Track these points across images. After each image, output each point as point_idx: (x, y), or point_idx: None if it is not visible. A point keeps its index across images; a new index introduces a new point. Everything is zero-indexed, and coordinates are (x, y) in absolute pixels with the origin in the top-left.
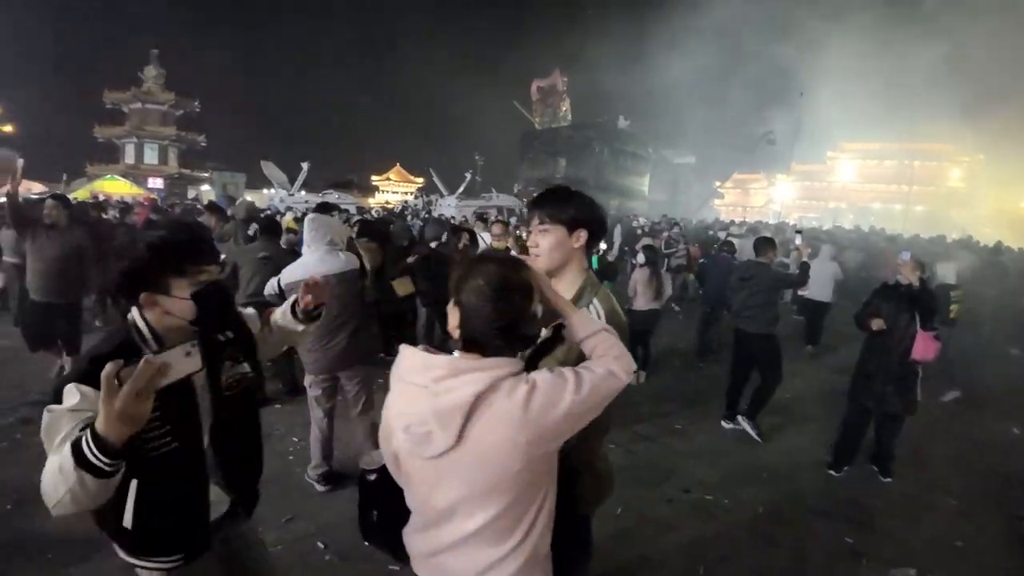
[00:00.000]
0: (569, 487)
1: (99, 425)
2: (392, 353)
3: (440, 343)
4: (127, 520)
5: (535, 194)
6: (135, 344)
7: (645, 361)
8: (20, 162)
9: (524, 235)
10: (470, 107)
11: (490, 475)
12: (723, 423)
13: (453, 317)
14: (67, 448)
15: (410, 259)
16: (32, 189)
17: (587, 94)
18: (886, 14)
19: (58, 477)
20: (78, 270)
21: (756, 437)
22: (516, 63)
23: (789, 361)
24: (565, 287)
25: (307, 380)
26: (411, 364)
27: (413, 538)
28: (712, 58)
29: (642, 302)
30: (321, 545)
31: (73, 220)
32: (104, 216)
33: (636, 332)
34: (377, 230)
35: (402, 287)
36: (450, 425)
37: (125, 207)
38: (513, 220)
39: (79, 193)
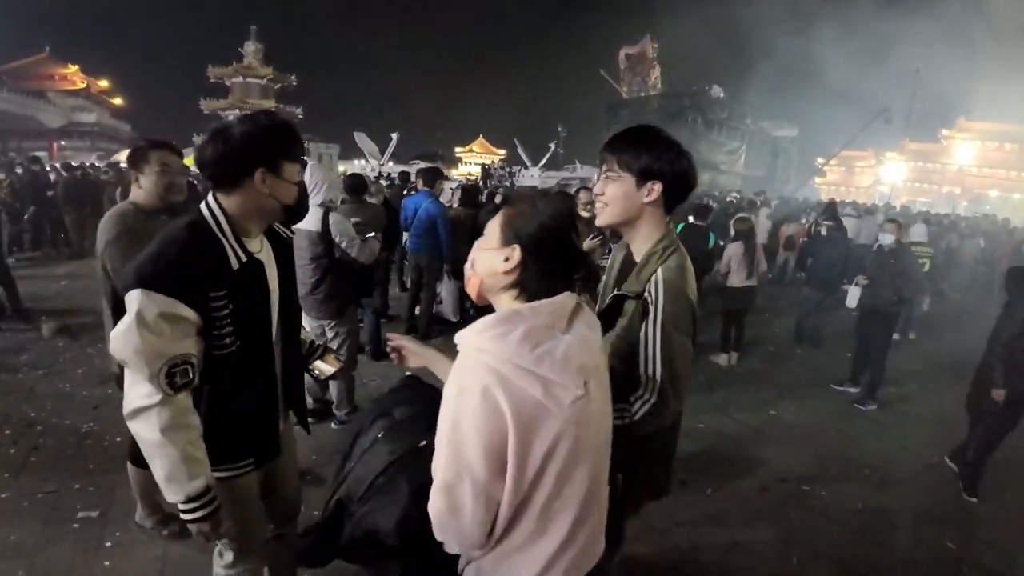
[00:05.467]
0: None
1: None
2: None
3: None
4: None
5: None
6: (209, 232)
7: (738, 342)
8: None
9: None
10: (555, 77)
11: None
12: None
13: None
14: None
15: None
16: None
17: (679, 62)
18: None
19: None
20: None
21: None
22: (603, 30)
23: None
24: (636, 245)
25: (305, 324)
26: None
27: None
28: (819, 21)
29: (736, 279)
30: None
31: None
32: None
33: (730, 311)
34: (474, 197)
35: None
36: None
37: None
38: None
39: (188, 161)
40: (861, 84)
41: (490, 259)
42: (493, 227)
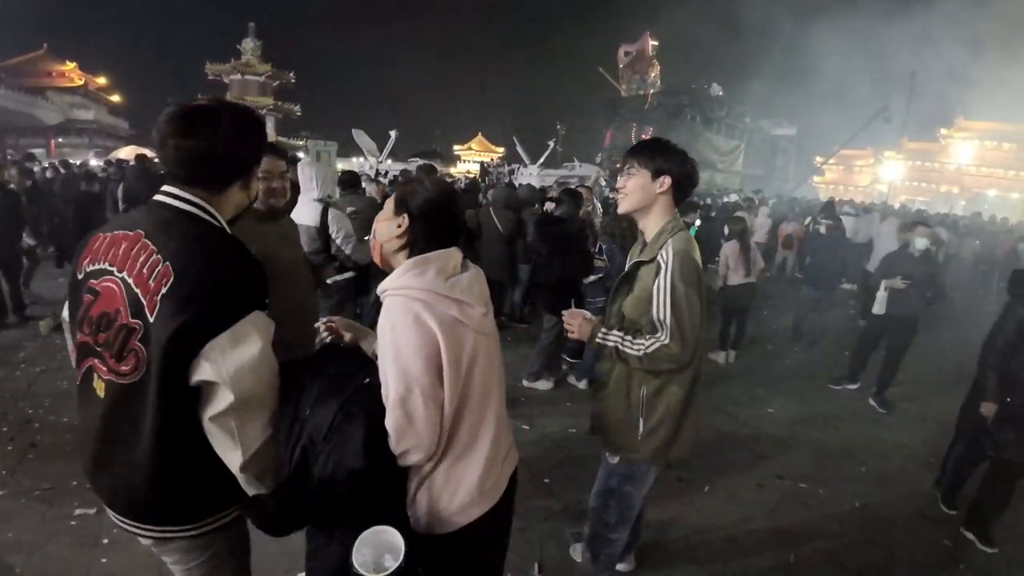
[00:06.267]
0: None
1: None
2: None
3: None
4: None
5: (617, 164)
6: (230, 236)
7: (737, 339)
8: None
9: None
10: (554, 75)
11: None
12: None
13: None
14: None
15: None
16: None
17: (678, 59)
18: None
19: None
20: None
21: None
22: (602, 28)
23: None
24: (649, 227)
25: None
26: None
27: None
28: (819, 19)
29: (735, 277)
30: None
31: None
32: None
33: (730, 309)
34: (515, 200)
35: None
36: None
37: None
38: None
39: None
40: (860, 83)
41: (386, 227)
42: (389, 202)
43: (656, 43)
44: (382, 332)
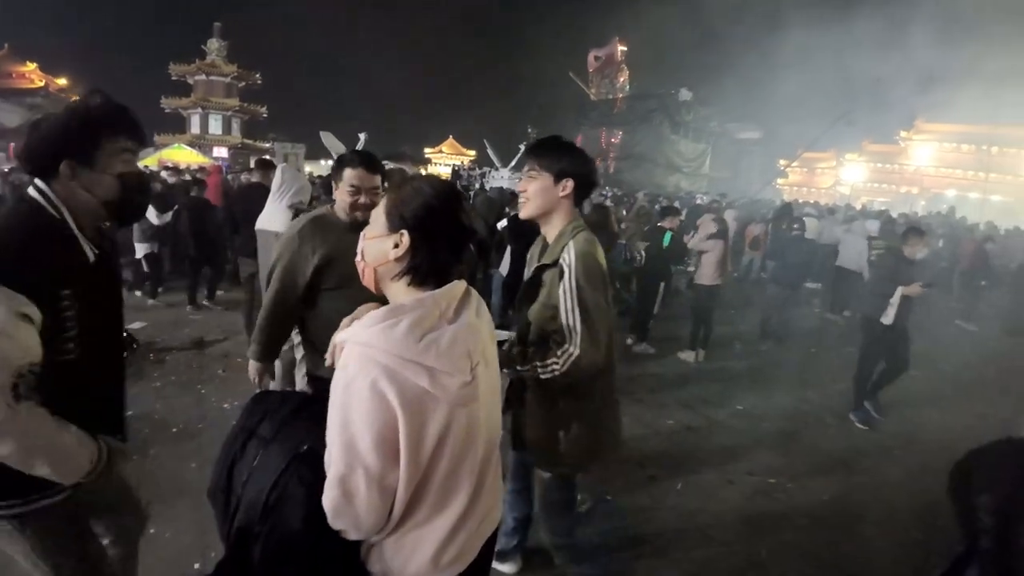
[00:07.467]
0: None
1: None
2: None
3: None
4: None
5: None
6: (55, 221)
7: (705, 339)
8: None
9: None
10: (525, 78)
11: None
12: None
13: None
14: None
15: None
16: None
17: (647, 64)
18: None
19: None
20: None
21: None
22: (573, 32)
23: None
24: (551, 231)
25: None
26: None
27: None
28: (784, 25)
29: (708, 277)
30: None
31: None
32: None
33: (699, 308)
34: (496, 207)
35: None
36: None
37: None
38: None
39: (148, 161)
40: (824, 87)
41: (379, 247)
42: (379, 214)
43: (625, 48)
44: (335, 388)
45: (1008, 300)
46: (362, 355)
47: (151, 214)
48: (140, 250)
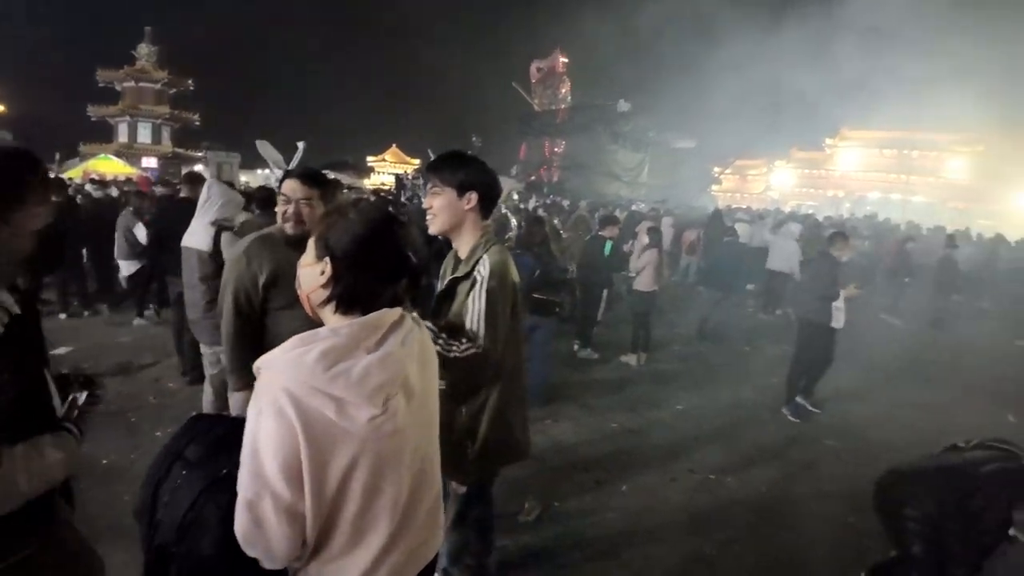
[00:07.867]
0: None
1: None
2: None
3: None
4: None
5: (531, 178)
6: None
7: (646, 342)
8: None
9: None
10: (469, 88)
11: None
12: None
13: None
14: None
15: None
16: None
17: (588, 76)
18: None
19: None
20: None
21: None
22: (516, 43)
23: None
24: (462, 245)
25: (203, 351)
26: None
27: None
28: (717, 39)
29: (647, 284)
30: None
31: None
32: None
33: (638, 313)
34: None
35: None
36: None
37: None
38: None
39: (72, 173)
40: (753, 98)
41: (310, 273)
42: (311, 242)
43: (567, 59)
44: (249, 412)
45: (929, 295)
46: (272, 382)
47: (139, 232)
48: (125, 268)
